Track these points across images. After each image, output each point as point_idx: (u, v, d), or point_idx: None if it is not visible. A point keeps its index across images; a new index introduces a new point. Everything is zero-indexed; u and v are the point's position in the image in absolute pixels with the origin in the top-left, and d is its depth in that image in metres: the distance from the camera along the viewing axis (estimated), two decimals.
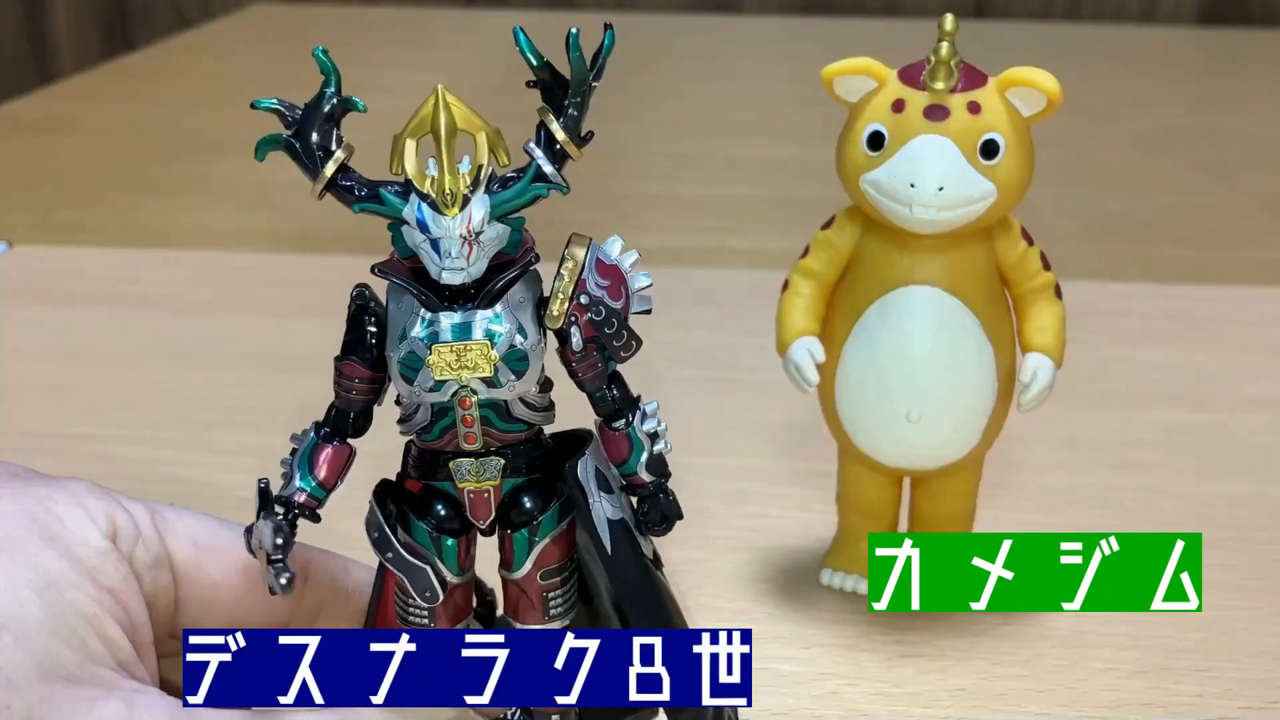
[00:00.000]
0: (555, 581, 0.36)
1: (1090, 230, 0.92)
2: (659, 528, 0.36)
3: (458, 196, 0.31)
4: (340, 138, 0.32)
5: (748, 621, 0.48)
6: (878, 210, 0.43)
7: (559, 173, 0.33)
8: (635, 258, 0.34)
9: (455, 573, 0.35)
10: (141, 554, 0.34)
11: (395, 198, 0.32)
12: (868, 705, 0.44)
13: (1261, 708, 0.43)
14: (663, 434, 0.35)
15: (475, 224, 0.31)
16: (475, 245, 0.32)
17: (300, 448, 0.34)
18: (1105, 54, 1.46)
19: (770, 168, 1.06)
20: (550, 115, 0.33)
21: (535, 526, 0.35)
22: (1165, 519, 0.55)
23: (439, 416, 0.33)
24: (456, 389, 0.33)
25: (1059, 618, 0.48)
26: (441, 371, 0.32)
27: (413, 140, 0.32)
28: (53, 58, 1.71)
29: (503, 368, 0.32)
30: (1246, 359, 0.70)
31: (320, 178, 0.32)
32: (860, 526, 0.49)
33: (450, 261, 0.32)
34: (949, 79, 0.42)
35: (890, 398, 0.44)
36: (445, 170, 0.31)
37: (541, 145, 0.33)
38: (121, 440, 0.61)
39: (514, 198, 0.32)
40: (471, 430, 0.33)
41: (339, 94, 0.32)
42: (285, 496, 0.34)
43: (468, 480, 0.34)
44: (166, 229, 0.91)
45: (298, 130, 0.32)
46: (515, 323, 0.33)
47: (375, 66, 1.33)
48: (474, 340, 0.32)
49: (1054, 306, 0.45)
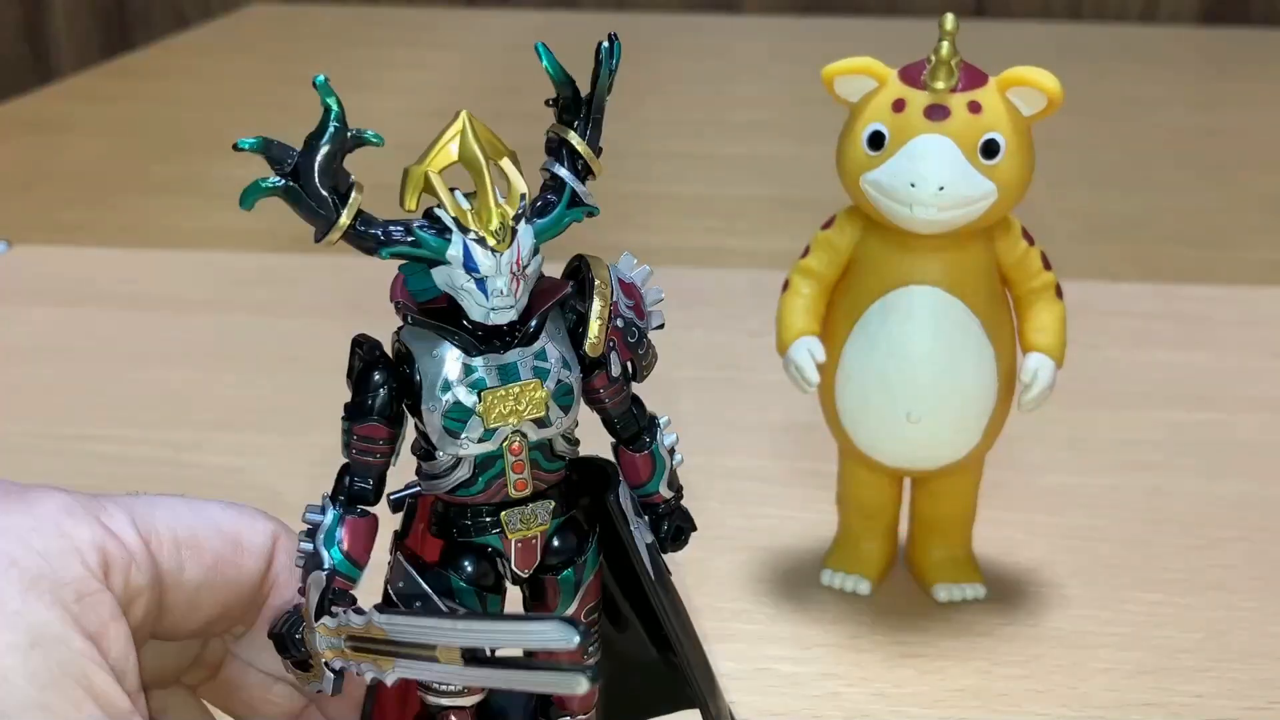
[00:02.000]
0: (595, 618, 0.34)
1: (1090, 230, 0.92)
2: (678, 542, 0.35)
3: (508, 230, 0.29)
4: (348, 175, 0.29)
5: (748, 621, 0.48)
6: (878, 210, 0.43)
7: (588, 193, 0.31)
8: (648, 272, 0.33)
9: None
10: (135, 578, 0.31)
11: (433, 238, 0.29)
12: (868, 705, 0.44)
13: (1262, 708, 0.43)
14: (678, 448, 0.34)
15: (525, 256, 0.29)
16: (522, 280, 0.29)
17: (321, 528, 0.31)
18: (1106, 54, 1.46)
19: (770, 168, 1.06)
20: (571, 132, 0.31)
21: (581, 565, 0.33)
22: (1165, 519, 0.55)
23: (483, 468, 0.31)
24: (507, 435, 0.31)
25: (1060, 618, 0.48)
26: (494, 419, 0.30)
27: (436, 174, 0.29)
28: (52, 57, 1.71)
29: (553, 405, 0.31)
30: (1246, 359, 0.70)
31: (337, 227, 0.29)
32: (861, 527, 0.49)
33: (500, 300, 0.29)
34: (949, 79, 0.42)
35: (890, 398, 0.44)
36: (492, 204, 0.29)
37: (565, 165, 0.31)
38: (121, 440, 0.61)
39: (553, 225, 0.30)
40: (522, 476, 0.31)
41: (345, 125, 0.29)
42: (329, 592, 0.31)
43: (519, 530, 0.32)
44: (166, 229, 0.91)
45: (297, 170, 0.29)
46: (559, 356, 0.31)
47: (375, 66, 1.33)
48: (524, 380, 0.30)
49: (1054, 306, 0.45)
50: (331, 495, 0.31)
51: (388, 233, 0.29)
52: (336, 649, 0.30)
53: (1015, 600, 0.49)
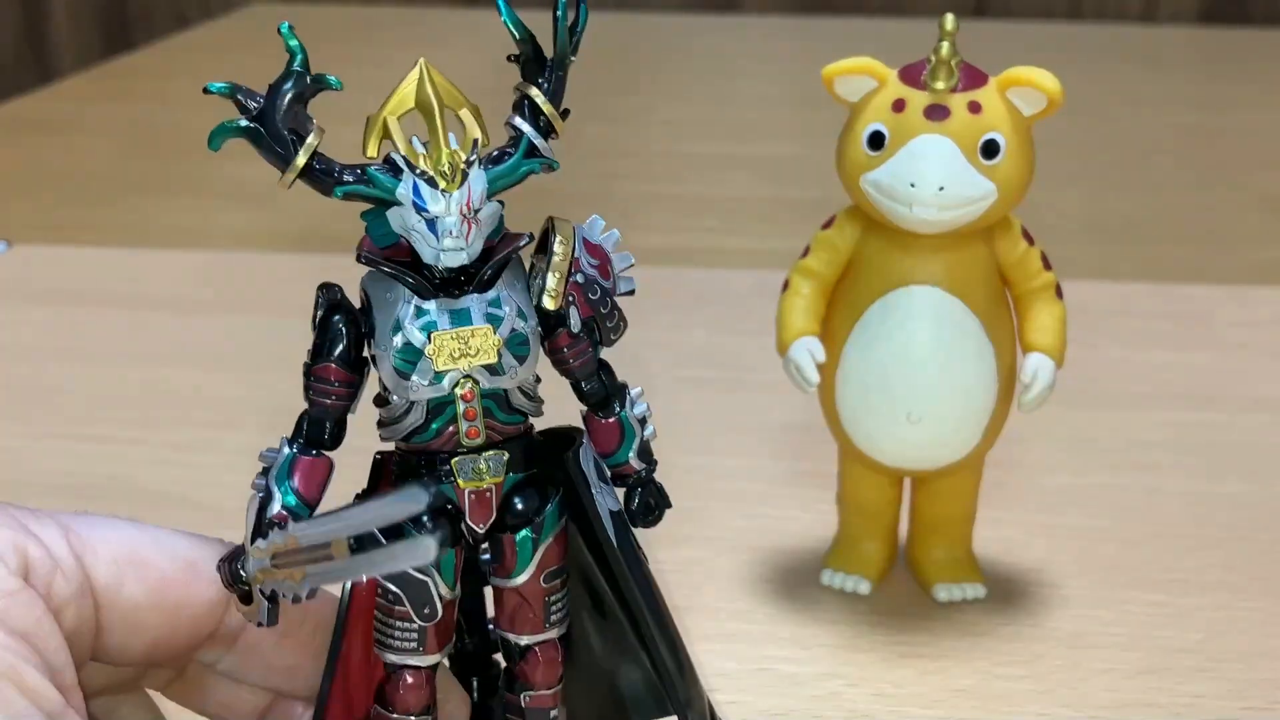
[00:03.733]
0: (556, 584, 0.34)
1: (1090, 230, 0.92)
2: (649, 518, 0.34)
3: (458, 170, 0.30)
4: (311, 119, 0.30)
5: (748, 622, 0.48)
6: (878, 210, 0.43)
7: (548, 146, 0.31)
8: (617, 237, 0.33)
9: (450, 587, 0.33)
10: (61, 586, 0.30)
11: (386, 177, 0.30)
12: (868, 706, 0.44)
13: (1263, 708, 0.43)
14: (649, 418, 0.34)
15: (475, 199, 0.30)
16: (474, 224, 0.30)
17: (275, 464, 0.32)
18: (1106, 53, 1.46)
19: (770, 168, 1.06)
20: (533, 88, 0.31)
21: (539, 524, 0.33)
22: (1166, 519, 0.55)
23: (435, 414, 0.31)
24: (458, 380, 0.31)
25: (1060, 618, 0.48)
26: (444, 361, 0.31)
27: (394, 118, 0.30)
28: (52, 58, 1.71)
29: (506, 353, 0.31)
30: (1246, 359, 0.70)
31: (292, 166, 0.30)
32: (861, 527, 0.49)
33: (450, 241, 0.30)
34: (949, 78, 0.42)
35: (891, 398, 0.44)
36: (442, 144, 0.30)
37: (526, 120, 0.31)
38: (121, 440, 0.61)
39: (508, 173, 0.31)
40: (474, 423, 0.31)
41: (308, 71, 0.30)
42: (266, 519, 0.31)
43: (471, 479, 0.32)
44: (166, 229, 0.91)
45: (260, 114, 0.30)
46: (514, 305, 0.31)
47: (375, 66, 1.33)
48: (476, 326, 0.31)
49: (1055, 307, 0.45)
50: (290, 437, 0.32)
51: (341, 172, 0.30)
52: (265, 570, 0.30)
53: (1015, 600, 0.49)
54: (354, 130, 0.32)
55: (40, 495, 0.55)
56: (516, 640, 0.34)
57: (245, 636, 0.34)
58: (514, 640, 0.34)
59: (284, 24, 0.30)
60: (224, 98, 0.30)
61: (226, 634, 0.33)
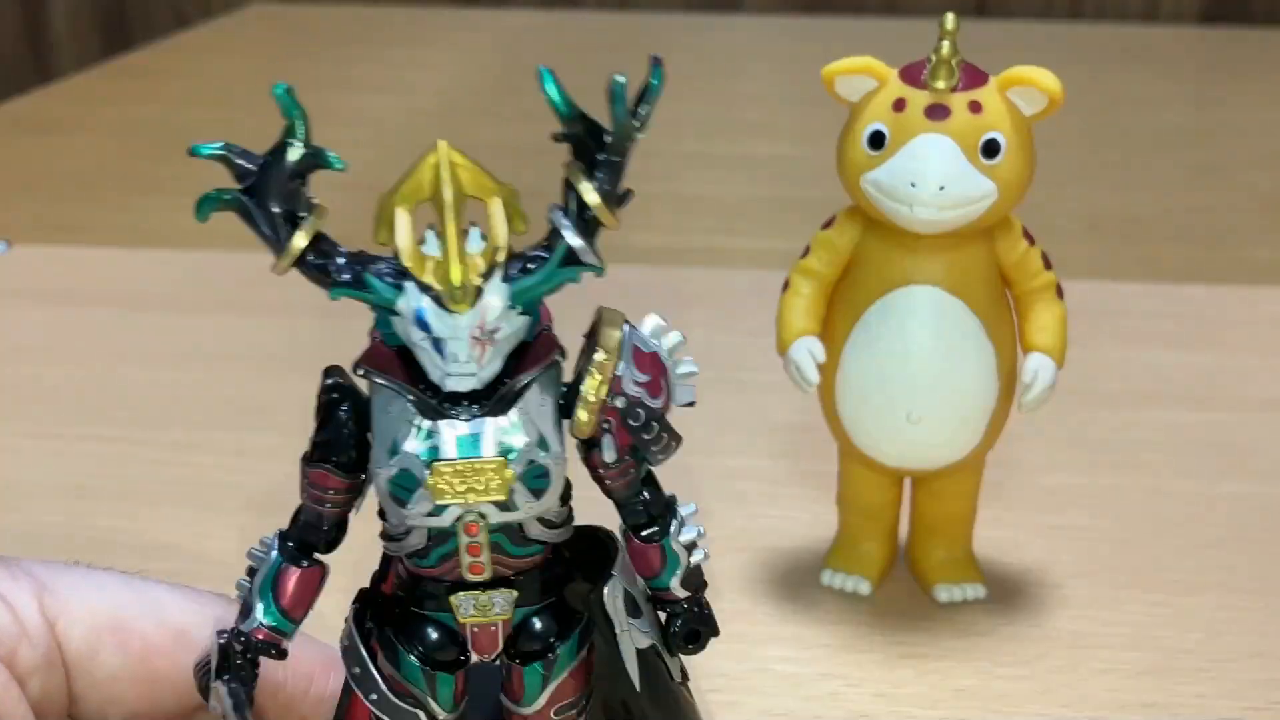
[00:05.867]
0: (571, 715, 0.30)
1: (1090, 230, 0.92)
2: (691, 647, 0.31)
3: (469, 290, 0.25)
4: (310, 199, 0.26)
5: (748, 622, 0.48)
6: (878, 210, 0.43)
7: (592, 246, 0.27)
8: (678, 341, 0.29)
9: (449, 711, 0.29)
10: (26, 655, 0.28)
11: (386, 285, 0.26)
12: (868, 706, 0.44)
13: (1263, 708, 0.43)
14: (701, 542, 0.30)
15: (490, 320, 0.25)
16: (489, 345, 0.26)
17: (262, 570, 0.28)
18: (1106, 53, 1.46)
19: (770, 168, 1.06)
20: (580, 175, 0.27)
21: (551, 661, 0.29)
22: (1166, 519, 0.55)
23: (437, 542, 0.28)
24: (461, 514, 0.27)
25: (1060, 618, 0.48)
26: (444, 496, 0.26)
27: (404, 208, 0.25)
28: (51, 57, 1.70)
29: (520, 489, 0.27)
30: (1246, 359, 0.70)
31: (287, 252, 0.26)
32: (861, 527, 0.49)
33: (457, 366, 0.26)
34: (950, 78, 0.42)
35: (891, 398, 0.44)
36: (452, 256, 0.25)
37: (570, 213, 0.27)
38: (121, 440, 0.61)
39: (538, 285, 0.26)
40: (479, 559, 0.28)
41: (308, 143, 0.26)
42: (244, 633, 0.28)
43: (473, 615, 0.28)
44: (166, 229, 0.91)
45: (253, 186, 0.26)
46: (535, 433, 0.27)
47: (375, 66, 1.33)
48: (485, 458, 0.26)
49: (1055, 306, 0.45)
50: (281, 535, 0.29)
51: (339, 270, 0.26)
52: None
53: (1016, 601, 0.49)
54: (354, 131, 0.31)
55: (40, 495, 0.56)
56: None
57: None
58: None
59: (279, 85, 0.26)
60: (215, 160, 0.26)
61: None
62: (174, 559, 0.51)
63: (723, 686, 0.44)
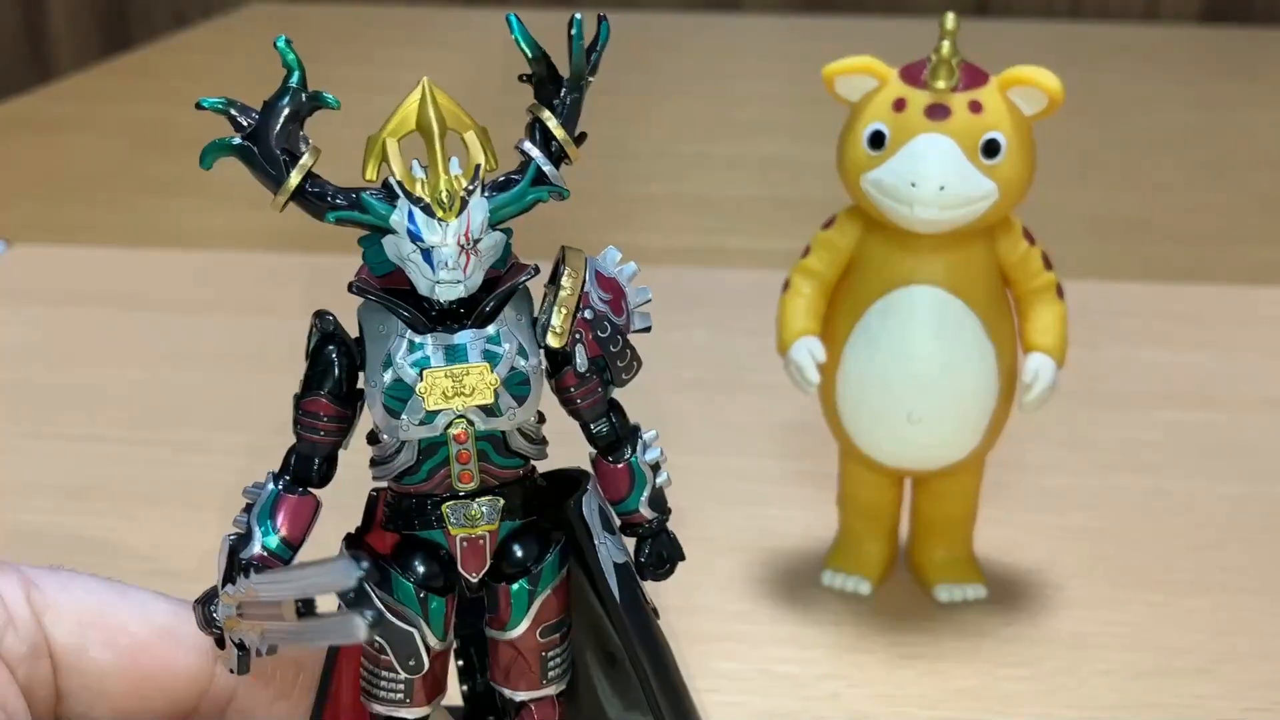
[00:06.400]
0: (555, 639, 0.32)
1: (1091, 230, 0.92)
2: (660, 570, 0.32)
3: (456, 198, 0.28)
4: (307, 139, 0.29)
5: (748, 622, 0.48)
6: (879, 210, 0.43)
7: (558, 174, 0.29)
8: (634, 270, 0.31)
9: (440, 638, 0.31)
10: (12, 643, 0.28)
11: (380, 203, 0.28)
12: (869, 706, 0.44)
13: (1264, 709, 0.43)
14: (664, 465, 0.32)
15: (475, 229, 0.28)
16: (473, 255, 0.28)
17: (258, 501, 0.30)
18: (1107, 53, 1.46)
19: (770, 168, 1.06)
20: (545, 111, 0.29)
21: (536, 575, 0.31)
22: (1166, 519, 0.55)
23: (427, 455, 0.30)
24: (451, 420, 0.29)
25: (1061, 618, 0.48)
26: (436, 400, 0.29)
27: (394, 140, 0.28)
28: (51, 57, 1.71)
29: (504, 393, 0.29)
30: (1246, 359, 0.70)
31: (284, 188, 0.28)
32: (861, 527, 0.49)
33: (446, 273, 0.28)
34: (950, 78, 0.42)
35: (891, 398, 0.44)
36: (440, 170, 0.28)
37: (537, 144, 0.29)
38: (121, 440, 0.61)
39: (513, 201, 0.29)
40: (468, 467, 0.30)
41: (305, 88, 0.29)
42: (244, 560, 0.29)
43: (463, 525, 0.30)
44: (166, 229, 0.91)
45: (254, 132, 0.28)
46: (515, 342, 0.29)
47: (375, 66, 1.33)
48: (471, 363, 0.29)
49: (1056, 306, 0.45)
50: (276, 472, 0.31)
51: (335, 196, 0.29)
52: (232, 618, 0.28)
53: (1016, 601, 0.49)
54: (354, 130, 0.32)
55: (40, 495, 0.56)
56: (512, 695, 0.32)
57: (236, 703, 0.32)
58: (509, 695, 0.32)
59: (280, 37, 0.28)
60: (217, 113, 0.29)
61: (213, 704, 0.32)
62: (174, 559, 0.51)
63: (723, 686, 0.44)
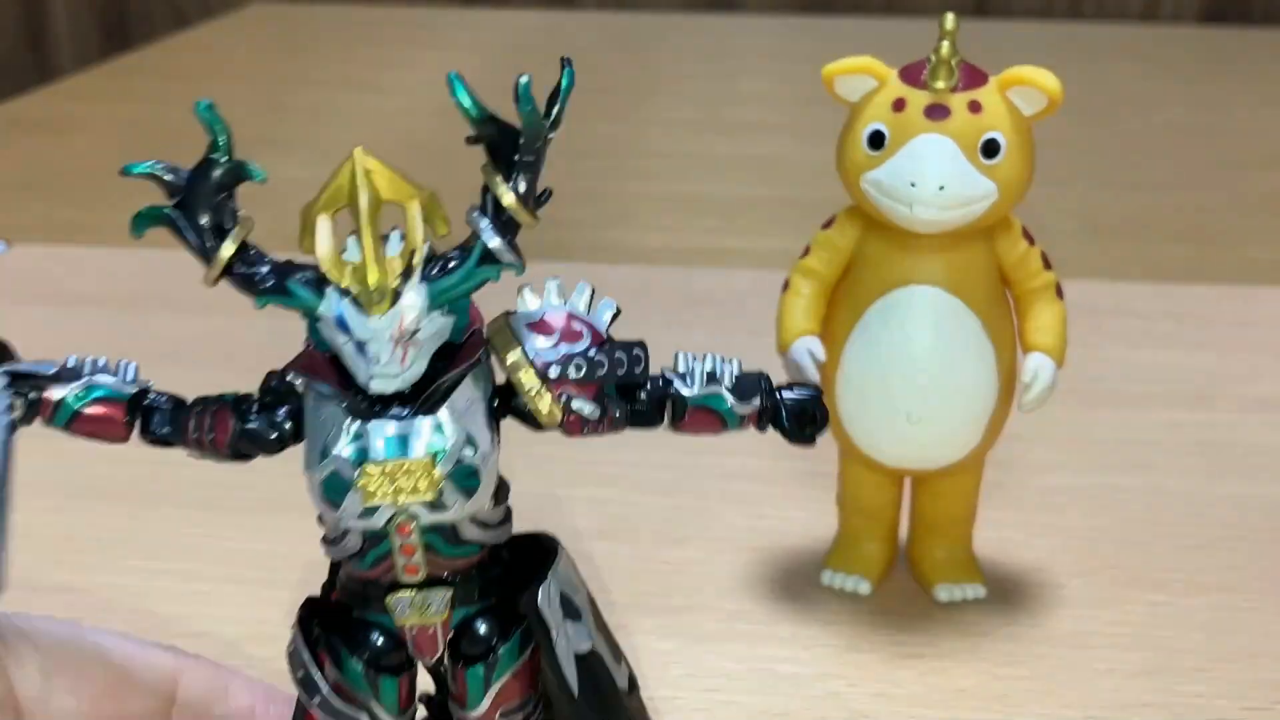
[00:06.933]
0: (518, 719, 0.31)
1: (1090, 230, 0.92)
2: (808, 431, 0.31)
3: (386, 292, 0.26)
4: (235, 211, 0.27)
5: (748, 622, 0.48)
6: (878, 210, 0.43)
7: (511, 244, 0.27)
8: (554, 285, 0.29)
9: (394, 715, 0.30)
10: None
11: (307, 290, 0.27)
12: (869, 706, 0.44)
13: (1264, 708, 0.43)
14: (719, 364, 0.30)
15: (410, 322, 0.26)
16: (410, 347, 0.26)
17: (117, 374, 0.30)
18: (1106, 53, 1.46)
19: (770, 168, 1.06)
20: (497, 178, 0.27)
21: (493, 662, 0.30)
22: (1166, 519, 0.55)
23: (373, 543, 0.28)
24: (392, 515, 0.27)
25: (1062, 618, 0.48)
26: (373, 497, 0.27)
27: (326, 215, 0.26)
28: (52, 57, 1.71)
29: (449, 488, 0.27)
30: (1246, 359, 0.70)
31: (215, 262, 0.27)
32: (861, 527, 0.49)
33: (379, 368, 0.26)
34: (950, 78, 0.42)
35: (891, 398, 0.44)
36: (369, 259, 0.26)
37: (489, 213, 0.27)
38: None
39: (457, 284, 0.27)
40: (412, 560, 0.28)
41: (230, 157, 0.27)
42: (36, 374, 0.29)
43: (409, 616, 0.29)
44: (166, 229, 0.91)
45: (182, 201, 0.27)
46: (463, 433, 0.27)
47: (375, 66, 1.33)
48: (413, 458, 0.27)
49: (1055, 306, 0.45)
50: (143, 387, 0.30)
51: (263, 278, 0.27)
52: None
53: (1016, 601, 0.49)
54: (353, 130, 0.31)
55: (38, 495, 0.56)
56: None
57: None
58: None
59: (201, 102, 0.27)
60: (144, 178, 0.27)
61: None
62: (174, 559, 0.51)
63: (723, 686, 0.44)
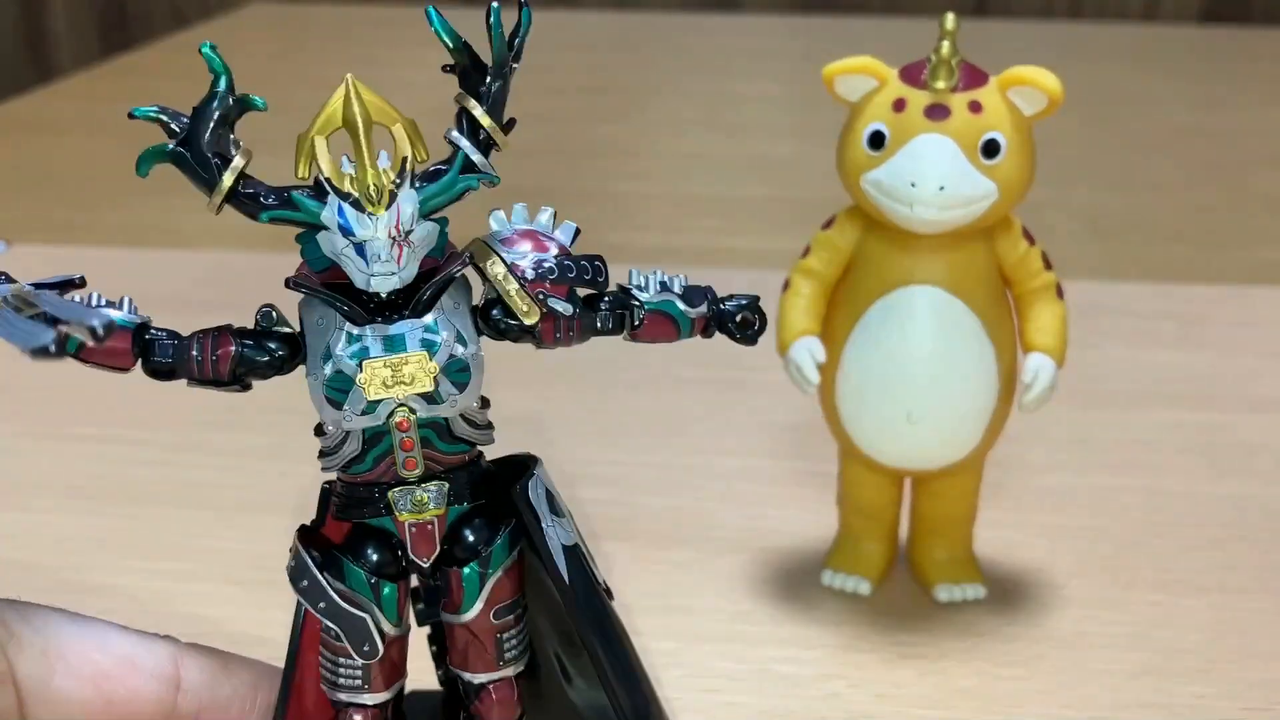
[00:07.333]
0: (509, 620, 0.32)
1: (1090, 230, 0.92)
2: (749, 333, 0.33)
3: (384, 192, 0.28)
4: (238, 142, 0.29)
5: (748, 622, 0.48)
6: (878, 210, 0.43)
7: (487, 162, 0.30)
8: (520, 207, 0.32)
9: (394, 624, 0.31)
10: None
11: (311, 201, 0.29)
12: (869, 706, 0.44)
13: (1263, 708, 0.43)
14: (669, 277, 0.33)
15: (405, 221, 0.29)
16: (405, 246, 0.29)
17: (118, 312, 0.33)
18: (1107, 53, 1.46)
19: (770, 168, 1.06)
20: (471, 100, 0.30)
21: (486, 558, 0.31)
22: (1166, 519, 0.55)
23: (372, 444, 0.30)
24: (393, 409, 0.30)
25: (1061, 618, 0.48)
26: (376, 390, 0.30)
27: (321, 138, 0.29)
28: (51, 57, 1.70)
29: (444, 380, 0.30)
30: (1246, 359, 0.70)
31: (218, 189, 0.29)
32: (861, 527, 0.49)
33: (379, 266, 0.29)
34: (950, 78, 0.42)
35: (891, 398, 0.44)
36: (367, 165, 0.28)
37: (465, 134, 0.30)
38: (121, 440, 0.61)
39: (442, 191, 0.30)
40: (411, 454, 0.30)
41: (232, 92, 0.29)
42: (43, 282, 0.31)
43: (409, 511, 0.31)
44: (166, 229, 0.91)
45: (186, 138, 0.29)
46: (453, 330, 0.30)
47: (375, 66, 1.33)
48: (410, 352, 0.30)
49: (1055, 306, 0.45)
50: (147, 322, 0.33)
51: (267, 196, 0.29)
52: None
53: (1016, 601, 0.49)
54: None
55: (38, 495, 0.56)
56: (471, 678, 0.32)
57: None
58: (468, 679, 0.32)
59: (205, 44, 0.29)
60: (149, 121, 0.29)
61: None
62: (173, 559, 0.51)
63: (723, 686, 0.44)
